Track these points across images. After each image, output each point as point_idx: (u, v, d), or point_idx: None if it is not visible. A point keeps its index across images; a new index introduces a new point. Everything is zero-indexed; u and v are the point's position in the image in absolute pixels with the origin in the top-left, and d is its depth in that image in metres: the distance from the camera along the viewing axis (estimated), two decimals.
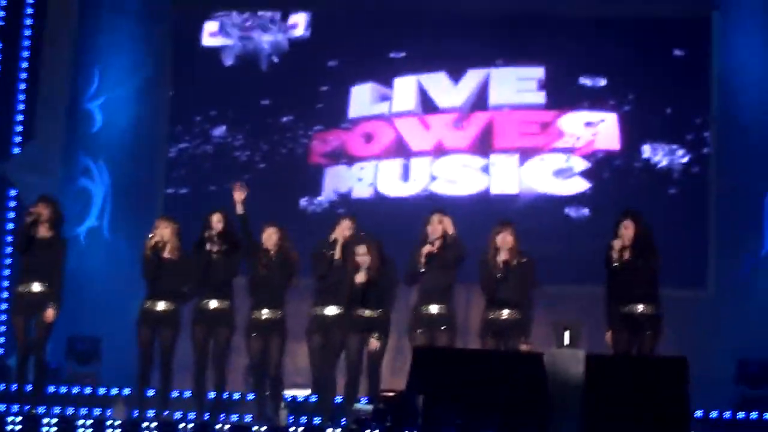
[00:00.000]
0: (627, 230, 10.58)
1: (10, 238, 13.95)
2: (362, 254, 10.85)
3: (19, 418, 9.37)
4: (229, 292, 11.11)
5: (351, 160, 14.66)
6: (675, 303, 11.40)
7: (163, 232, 11.11)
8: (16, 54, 14.59)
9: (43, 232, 11.05)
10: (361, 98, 14.73)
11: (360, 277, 10.79)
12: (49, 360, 11.67)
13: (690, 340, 12.42)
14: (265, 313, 11.02)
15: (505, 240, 10.80)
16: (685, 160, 14.01)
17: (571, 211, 14.12)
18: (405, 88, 14.61)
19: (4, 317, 13.77)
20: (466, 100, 14.47)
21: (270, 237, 11.11)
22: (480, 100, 14.46)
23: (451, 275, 10.92)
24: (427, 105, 14.56)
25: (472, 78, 14.48)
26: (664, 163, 14.04)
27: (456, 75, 14.50)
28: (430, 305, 10.81)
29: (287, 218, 12.58)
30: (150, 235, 11.09)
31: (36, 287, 10.96)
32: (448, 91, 14.51)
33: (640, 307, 10.47)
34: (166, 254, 11.08)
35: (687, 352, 9.90)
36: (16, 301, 11.20)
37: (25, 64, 14.66)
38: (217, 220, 11.09)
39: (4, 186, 14.31)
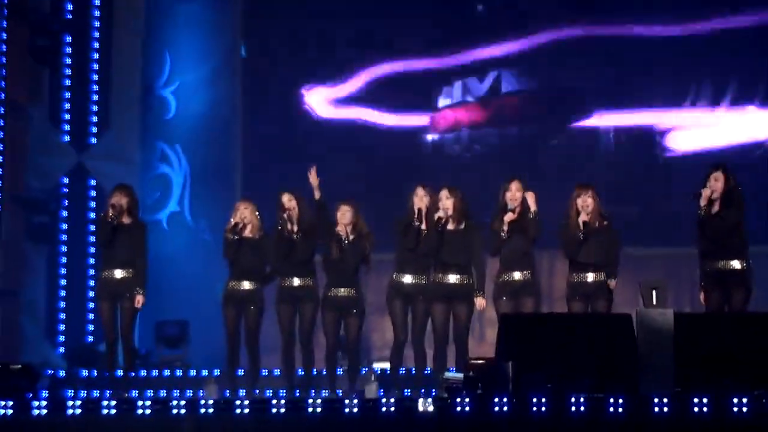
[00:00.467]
0: (717, 182, 10.36)
1: (92, 227, 14.09)
2: (444, 198, 10.77)
3: (114, 402, 9.41)
4: (311, 269, 11.13)
5: None
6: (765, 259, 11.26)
7: (244, 213, 11.15)
8: (86, 45, 14.69)
9: (124, 219, 11.12)
10: None
11: (440, 213, 10.67)
12: (137, 345, 11.77)
13: None
14: (341, 291, 11.02)
15: (585, 202, 10.67)
16: None
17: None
18: None
19: (91, 305, 13.91)
20: None
21: (344, 215, 11.03)
22: None
23: (530, 242, 10.84)
24: None
25: None
26: None
27: None
28: (513, 272, 10.73)
29: None
30: (232, 218, 11.15)
31: (119, 273, 10.99)
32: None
33: (729, 263, 10.29)
34: (247, 234, 11.13)
35: None
36: (100, 288, 11.21)
37: (96, 55, 14.75)
38: (288, 199, 11.10)
39: (83, 176, 14.43)
